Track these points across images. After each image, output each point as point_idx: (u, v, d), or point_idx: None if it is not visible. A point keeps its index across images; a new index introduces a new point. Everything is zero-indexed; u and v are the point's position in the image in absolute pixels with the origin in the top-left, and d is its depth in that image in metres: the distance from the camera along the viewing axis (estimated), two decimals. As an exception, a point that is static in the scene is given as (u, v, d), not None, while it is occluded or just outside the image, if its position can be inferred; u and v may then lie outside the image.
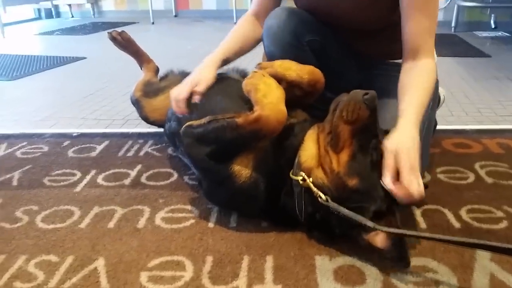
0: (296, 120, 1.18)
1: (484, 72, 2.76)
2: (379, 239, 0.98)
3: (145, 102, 1.66)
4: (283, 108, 1.06)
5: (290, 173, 1.08)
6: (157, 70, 1.86)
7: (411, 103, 1.13)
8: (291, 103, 1.18)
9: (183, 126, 1.16)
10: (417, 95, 1.15)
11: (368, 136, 1.02)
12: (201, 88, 1.24)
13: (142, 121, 1.69)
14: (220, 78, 1.37)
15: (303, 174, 1.04)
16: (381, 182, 0.98)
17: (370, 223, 0.95)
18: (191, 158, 1.21)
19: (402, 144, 1.00)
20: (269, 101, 1.05)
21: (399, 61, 1.39)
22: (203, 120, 1.11)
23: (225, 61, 1.38)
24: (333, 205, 0.99)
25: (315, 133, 1.10)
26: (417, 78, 1.20)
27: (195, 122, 1.14)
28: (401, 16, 1.24)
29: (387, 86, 1.32)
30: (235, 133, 1.06)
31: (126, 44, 1.82)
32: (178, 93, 1.26)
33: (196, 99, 1.24)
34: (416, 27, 1.22)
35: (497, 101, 2.19)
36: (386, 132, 1.08)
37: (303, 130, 1.14)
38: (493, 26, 4.35)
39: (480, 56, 3.24)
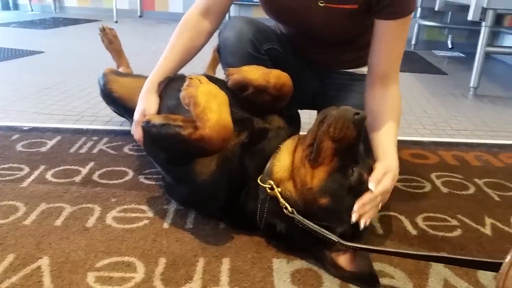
0: (269, 126, 1.15)
1: (441, 88, 2.85)
2: (343, 259, 0.97)
3: (113, 77, 1.62)
4: (225, 122, 0.99)
5: (259, 179, 1.05)
6: None
7: (391, 140, 1.17)
8: (263, 108, 1.18)
9: (144, 120, 1.13)
10: (394, 131, 1.20)
11: (349, 158, 0.98)
12: None
13: (97, 118, 1.62)
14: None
15: (272, 182, 1.01)
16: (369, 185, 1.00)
17: (334, 238, 0.93)
18: (150, 157, 1.18)
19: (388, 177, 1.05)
20: (209, 118, 0.97)
21: (350, 70, 1.49)
22: (158, 120, 1.07)
23: (166, 80, 1.35)
24: (298, 217, 0.96)
25: (293, 144, 1.06)
26: (392, 110, 1.23)
27: (153, 118, 1.10)
28: (375, 40, 1.23)
29: (338, 93, 1.45)
30: (183, 146, 1.01)
31: (112, 40, 1.92)
32: (133, 133, 1.31)
33: None
34: (390, 53, 1.24)
35: (452, 116, 2.26)
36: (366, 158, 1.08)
37: (278, 136, 1.11)
38: (450, 46, 4.52)
39: (438, 73, 3.35)
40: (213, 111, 0.99)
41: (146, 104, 1.28)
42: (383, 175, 1.03)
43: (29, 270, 0.95)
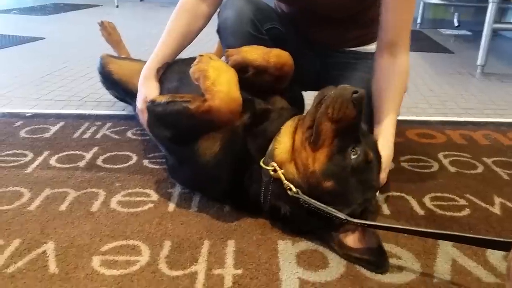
0: (272, 107, 1.13)
1: (448, 67, 2.81)
2: (351, 239, 0.95)
3: (110, 59, 1.64)
4: (235, 95, 1.01)
5: (261, 161, 1.03)
6: None
7: (391, 114, 1.20)
8: (264, 89, 1.15)
9: (148, 101, 1.12)
10: (395, 103, 1.23)
11: (350, 138, 0.95)
12: None
13: (100, 103, 1.61)
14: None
15: (275, 164, 0.99)
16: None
17: (342, 215, 0.92)
18: (154, 137, 1.17)
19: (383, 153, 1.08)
20: (219, 89, 0.99)
21: (353, 48, 1.46)
22: (164, 98, 1.07)
23: (164, 66, 1.34)
24: (303, 197, 0.94)
25: (293, 126, 1.03)
26: (395, 82, 1.23)
27: (158, 98, 1.10)
28: (382, 8, 1.22)
29: (342, 73, 1.43)
30: (190, 121, 1.02)
31: (111, 32, 1.97)
32: (142, 122, 1.31)
33: None
34: (397, 20, 1.22)
35: (459, 95, 2.23)
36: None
37: (280, 117, 1.09)
38: (456, 24, 4.45)
39: (444, 52, 3.30)
40: (223, 84, 1.00)
41: (147, 91, 1.27)
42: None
43: (34, 255, 0.94)
